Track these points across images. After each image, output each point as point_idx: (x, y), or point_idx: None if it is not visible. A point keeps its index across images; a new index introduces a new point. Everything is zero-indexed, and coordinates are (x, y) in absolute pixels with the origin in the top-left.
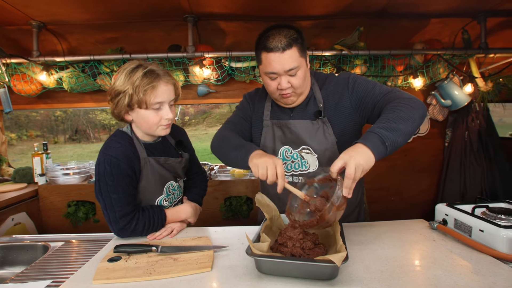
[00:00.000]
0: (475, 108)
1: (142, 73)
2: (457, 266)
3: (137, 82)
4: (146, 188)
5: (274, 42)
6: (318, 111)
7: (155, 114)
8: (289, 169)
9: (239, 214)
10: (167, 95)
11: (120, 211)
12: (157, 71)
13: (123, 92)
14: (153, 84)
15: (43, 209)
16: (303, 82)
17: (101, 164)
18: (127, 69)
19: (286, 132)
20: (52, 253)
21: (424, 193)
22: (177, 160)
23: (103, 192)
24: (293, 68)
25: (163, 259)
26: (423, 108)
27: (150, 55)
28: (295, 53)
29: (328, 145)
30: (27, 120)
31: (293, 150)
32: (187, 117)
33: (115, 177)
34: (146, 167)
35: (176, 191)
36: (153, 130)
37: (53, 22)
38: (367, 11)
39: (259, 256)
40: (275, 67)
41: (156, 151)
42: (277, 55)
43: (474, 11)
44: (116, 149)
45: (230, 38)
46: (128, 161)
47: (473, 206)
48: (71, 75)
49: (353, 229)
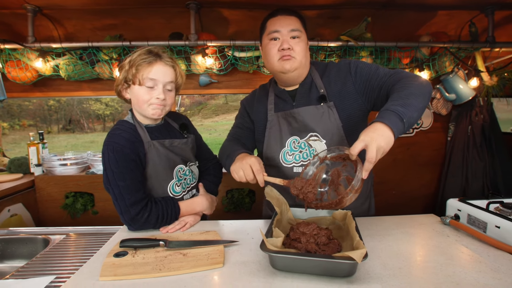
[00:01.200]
0: (479, 102)
1: (143, 52)
2: (475, 263)
3: (135, 57)
4: (154, 173)
5: (279, 12)
6: (321, 96)
7: (147, 92)
8: (298, 159)
9: (241, 207)
10: (162, 75)
11: (130, 198)
12: (159, 53)
13: (122, 66)
14: (149, 60)
15: (40, 200)
16: (304, 52)
17: (105, 152)
18: (137, 52)
19: (291, 121)
20: (53, 247)
21: (425, 187)
22: (183, 141)
23: (111, 181)
24: (296, 30)
25: (172, 254)
26: (429, 84)
27: (151, 43)
28: (299, 22)
29: (335, 130)
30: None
31: (300, 140)
32: (183, 108)
33: (120, 163)
34: (151, 151)
35: (188, 176)
36: (144, 109)
37: (49, 7)
38: (373, 2)
39: (274, 252)
40: (280, 24)
41: (160, 134)
42: (283, 17)
43: (482, 4)
44: (117, 135)
45: (233, 27)
46: (131, 146)
47: (488, 202)
48: (68, 62)
49: (362, 223)
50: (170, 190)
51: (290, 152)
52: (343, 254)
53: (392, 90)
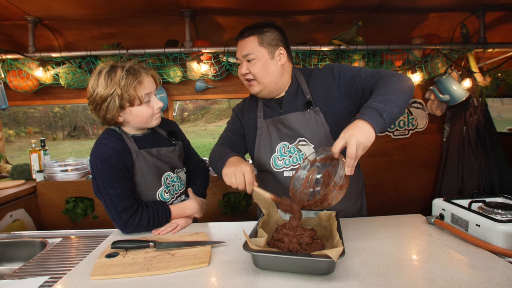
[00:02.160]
0: (473, 103)
1: (123, 73)
2: (453, 261)
3: (123, 82)
4: (143, 181)
5: (240, 33)
6: (307, 101)
7: (147, 107)
8: (288, 164)
9: (238, 210)
10: (152, 86)
11: (121, 205)
12: (134, 67)
13: (110, 95)
14: (139, 79)
15: (41, 206)
16: (261, 72)
17: (93, 163)
18: (102, 72)
19: (280, 127)
20: (50, 249)
21: (422, 188)
22: (170, 149)
23: (101, 190)
24: (248, 54)
25: (160, 254)
26: (410, 80)
27: (147, 50)
28: (253, 42)
29: (322, 134)
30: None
31: (290, 145)
32: (186, 113)
33: (108, 173)
34: (139, 160)
35: (176, 182)
36: (148, 123)
37: (49, 17)
38: (365, 6)
39: (256, 252)
40: (237, 53)
41: (147, 143)
42: (240, 42)
43: (473, 6)
44: (104, 145)
45: (227, 33)
46: (118, 156)
47: (470, 201)
48: (68, 71)
49: (350, 224)
50: (158, 197)
51: (280, 157)
52: (320, 252)
53: (374, 88)
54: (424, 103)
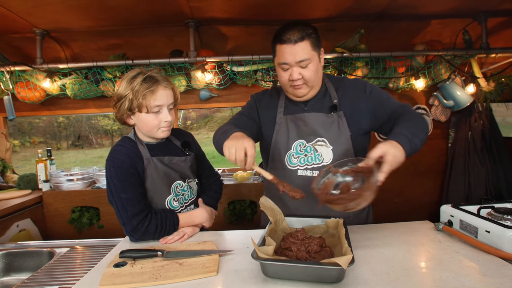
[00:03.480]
0: (478, 108)
1: (141, 79)
2: (463, 268)
3: (137, 87)
4: (152, 187)
5: (287, 35)
6: (333, 105)
7: (155, 117)
8: (302, 163)
9: (243, 218)
10: (166, 99)
11: (132, 210)
12: (156, 77)
13: (124, 96)
14: (152, 89)
15: (47, 215)
16: (314, 75)
17: (107, 168)
18: (129, 76)
19: (300, 125)
20: (58, 259)
21: (428, 194)
22: (182, 159)
23: (113, 194)
24: (304, 60)
25: (168, 264)
26: (428, 123)
27: (152, 61)
28: (307, 46)
29: (343, 139)
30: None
31: (307, 144)
32: (189, 121)
33: (120, 177)
34: (149, 167)
35: (186, 191)
36: (154, 133)
37: (56, 30)
38: (367, 13)
39: (264, 260)
40: (287, 57)
41: (160, 152)
42: (290, 46)
43: (474, 12)
44: (118, 151)
45: (231, 43)
46: (130, 161)
47: (479, 207)
48: (74, 81)
49: (358, 231)
50: (167, 205)
51: (295, 155)
52: (330, 260)
53: (401, 119)
54: (428, 109)
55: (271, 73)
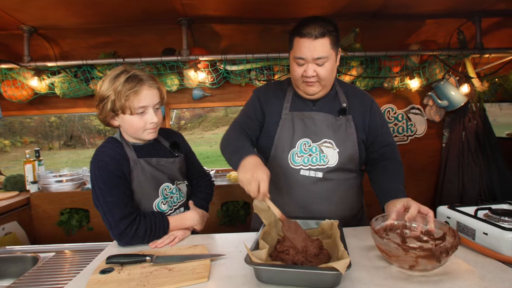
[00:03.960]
0: (472, 108)
1: (124, 79)
2: (462, 272)
3: (119, 88)
4: (139, 190)
5: (308, 29)
6: (342, 108)
7: (140, 119)
8: (306, 162)
9: (236, 220)
10: (151, 99)
11: (119, 213)
12: (140, 76)
13: (106, 97)
14: (135, 89)
15: (35, 218)
16: (329, 75)
17: (92, 170)
18: (111, 74)
19: (308, 123)
20: (42, 265)
21: (422, 194)
22: (170, 161)
23: (99, 198)
24: (321, 58)
25: (157, 269)
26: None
27: (144, 59)
28: (327, 44)
29: (350, 143)
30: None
31: (312, 143)
32: (183, 121)
33: (106, 180)
34: (136, 168)
35: (175, 194)
36: (139, 134)
37: (45, 27)
38: (362, 12)
39: (259, 265)
40: (304, 52)
41: (147, 153)
42: (309, 41)
43: (468, 12)
44: (102, 153)
45: (225, 41)
46: (115, 163)
47: (476, 208)
48: (63, 80)
49: (353, 233)
50: (155, 207)
51: (299, 153)
52: (327, 265)
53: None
54: (423, 109)
55: (265, 72)
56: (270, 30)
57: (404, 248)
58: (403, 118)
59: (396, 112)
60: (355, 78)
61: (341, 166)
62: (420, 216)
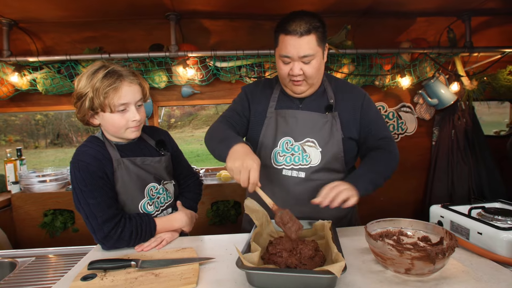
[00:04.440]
0: (461, 106)
1: (103, 75)
2: (458, 273)
3: (98, 84)
4: (123, 191)
5: (293, 26)
6: (329, 105)
7: (121, 117)
8: (289, 162)
9: (227, 219)
10: (132, 96)
11: (102, 216)
12: (120, 71)
13: (84, 95)
14: (114, 86)
15: (16, 219)
16: (316, 73)
17: (72, 171)
18: (89, 70)
19: (291, 122)
20: (20, 272)
21: (412, 192)
22: (156, 160)
23: (80, 200)
24: (308, 56)
25: (143, 275)
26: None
27: (131, 55)
28: (313, 41)
29: (334, 141)
30: (5, 125)
31: (295, 142)
32: (173, 119)
33: (87, 182)
34: (120, 169)
35: (162, 194)
36: (121, 133)
37: (26, 20)
38: (353, 10)
39: (251, 269)
40: (290, 50)
41: (131, 152)
42: (294, 39)
43: (458, 10)
44: (83, 153)
45: (214, 37)
46: (97, 163)
47: (470, 207)
48: (46, 76)
49: (346, 234)
50: (141, 209)
51: (281, 152)
52: (321, 268)
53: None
54: (413, 107)
55: (255, 69)
56: (260, 26)
57: (399, 249)
58: (393, 116)
59: (386, 110)
60: (346, 75)
61: (325, 166)
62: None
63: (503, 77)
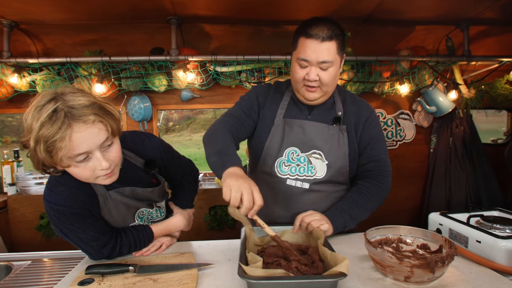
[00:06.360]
0: (459, 114)
1: (46, 115)
2: (457, 281)
3: (37, 130)
4: (113, 220)
5: (315, 30)
6: (337, 117)
7: (84, 168)
8: (293, 172)
9: (225, 224)
10: (91, 142)
11: (98, 244)
12: (69, 110)
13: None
14: (61, 134)
15: (12, 222)
16: (332, 81)
17: (49, 213)
18: (36, 101)
19: (298, 132)
20: (15, 276)
21: (409, 199)
22: (148, 190)
23: (69, 236)
24: (326, 62)
25: (141, 280)
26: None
27: (131, 58)
28: (333, 48)
29: (340, 154)
30: (2, 125)
31: (301, 153)
32: (171, 123)
33: (73, 221)
34: (107, 203)
35: (154, 213)
36: (92, 181)
37: (26, 22)
38: (353, 17)
39: (255, 279)
40: (309, 54)
41: (118, 181)
42: (315, 43)
43: (457, 19)
44: (58, 196)
45: (215, 42)
46: (78, 203)
47: (468, 215)
48: (46, 78)
49: (344, 240)
50: None
51: (286, 162)
52: (330, 271)
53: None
54: (412, 114)
55: (255, 74)
56: (261, 32)
57: (398, 257)
58: (392, 123)
59: (385, 117)
60: (345, 82)
61: (330, 179)
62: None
63: (501, 86)
